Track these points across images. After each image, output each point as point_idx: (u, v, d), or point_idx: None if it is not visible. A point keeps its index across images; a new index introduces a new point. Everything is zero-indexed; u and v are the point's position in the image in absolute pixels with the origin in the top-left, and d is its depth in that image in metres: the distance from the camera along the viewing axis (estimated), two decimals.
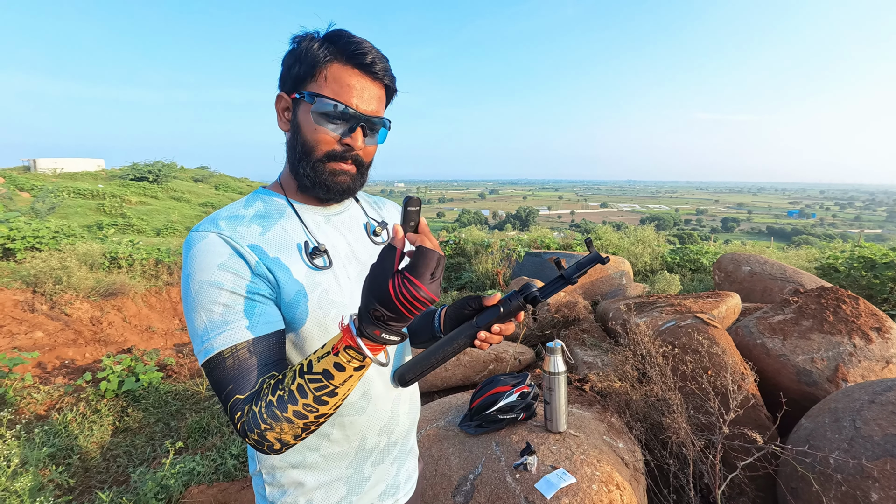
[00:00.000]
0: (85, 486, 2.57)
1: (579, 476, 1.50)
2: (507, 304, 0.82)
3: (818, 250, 8.17)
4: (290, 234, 0.82)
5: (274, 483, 0.85)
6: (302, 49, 0.78)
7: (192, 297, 0.72)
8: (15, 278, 5.40)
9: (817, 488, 1.59)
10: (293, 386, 0.67)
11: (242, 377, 0.70)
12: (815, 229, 63.28)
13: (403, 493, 0.99)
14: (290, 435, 0.68)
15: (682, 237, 18.35)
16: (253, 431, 0.67)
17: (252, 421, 0.67)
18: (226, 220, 0.78)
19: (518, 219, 69.24)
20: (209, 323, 0.71)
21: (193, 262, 0.73)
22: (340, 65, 0.78)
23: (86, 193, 15.25)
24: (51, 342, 4.41)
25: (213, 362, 0.70)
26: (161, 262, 6.65)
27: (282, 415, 0.67)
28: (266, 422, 0.67)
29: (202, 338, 0.71)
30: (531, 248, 7.48)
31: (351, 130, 0.79)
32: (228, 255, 0.74)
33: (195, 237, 0.75)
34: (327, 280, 0.82)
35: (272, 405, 0.67)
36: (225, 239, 0.75)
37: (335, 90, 0.77)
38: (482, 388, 1.88)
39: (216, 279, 0.72)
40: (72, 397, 3.39)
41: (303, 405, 0.67)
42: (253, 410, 0.68)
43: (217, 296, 0.72)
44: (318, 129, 0.78)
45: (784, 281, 4.25)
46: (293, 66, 0.79)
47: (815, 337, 2.37)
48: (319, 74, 0.77)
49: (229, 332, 0.71)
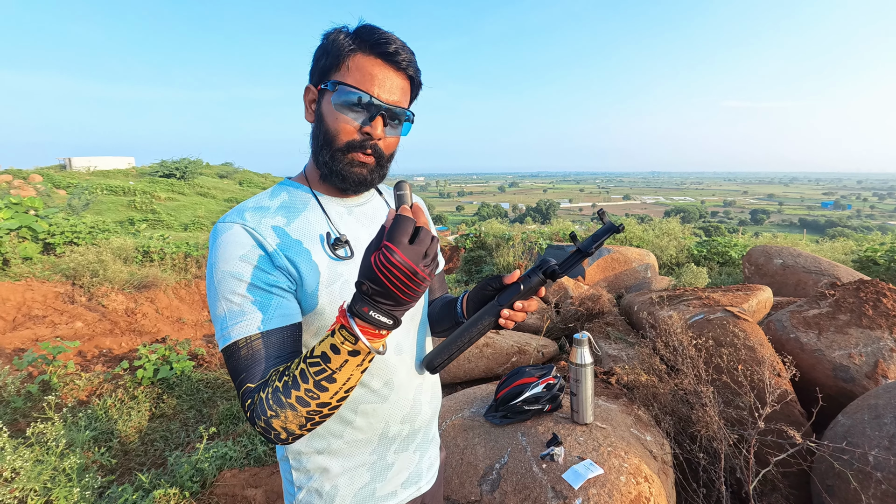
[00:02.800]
0: (125, 467, 2.70)
1: (607, 467, 1.49)
2: (528, 280, 0.83)
3: (855, 243, 7.82)
4: (313, 225, 0.83)
5: (300, 468, 0.87)
6: (329, 42, 0.80)
7: (214, 286, 0.74)
8: (55, 271, 5.66)
9: (856, 486, 1.55)
10: (297, 371, 0.68)
11: (254, 366, 0.71)
12: (852, 221, 60.57)
13: (426, 480, 1.01)
14: (294, 424, 0.68)
15: (708, 230, 17.85)
16: (260, 419, 0.68)
17: (259, 408, 0.68)
18: (251, 211, 0.79)
19: (538, 212, 68.54)
20: (228, 312, 0.73)
21: (218, 251, 0.75)
22: (364, 54, 0.79)
23: (118, 190, 15.81)
24: (89, 332, 4.62)
25: (230, 350, 0.73)
26: (190, 255, 6.86)
27: (286, 401, 0.67)
28: (272, 408, 0.67)
29: (221, 326, 0.74)
30: (553, 241, 7.40)
31: (371, 119, 0.80)
32: (251, 246, 0.75)
33: (221, 228, 0.77)
34: (349, 270, 0.83)
35: (278, 391, 0.68)
36: (249, 230, 0.76)
37: (357, 79, 0.78)
38: (508, 379, 1.89)
39: (237, 270, 0.74)
40: (110, 384, 3.55)
41: (304, 390, 0.67)
42: (260, 397, 0.68)
43: (237, 286, 0.73)
44: (339, 117, 0.79)
45: (819, 274, 4.10)
46: (321, 58, 0.81)
47: (853, 332, 2.29)
48: (343, 64, 0.79)
49: (245, 322, 0.73)
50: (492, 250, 8.23)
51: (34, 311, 4.73)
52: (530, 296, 0.83)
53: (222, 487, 2.35)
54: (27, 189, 12.22)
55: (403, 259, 0.61)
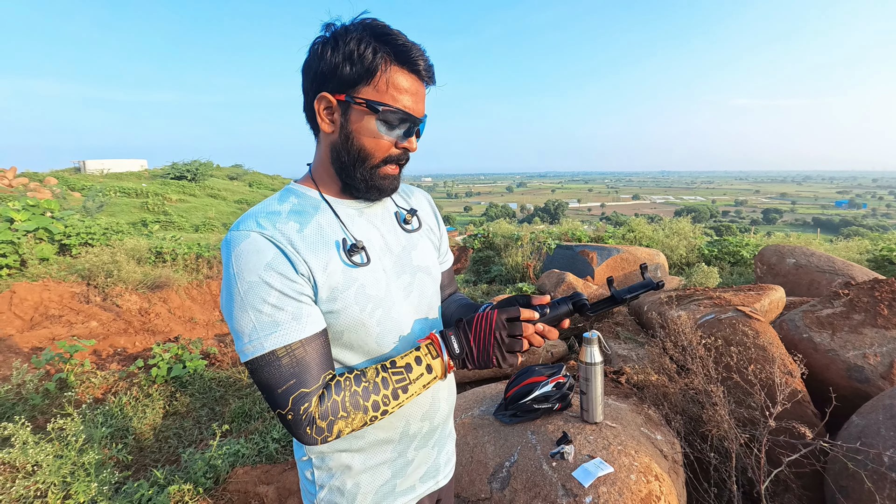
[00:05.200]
0: (140, 463, 2.75)
1: (617, 466, 1.49)
2: (556, 307, 0.84)
3: (870, 242, 7.69)
4: (327, 231, 0.82)
5: (322, 467, 0.89)
6: (351, 49, 0.76)
7: (239, 297, 0.73)
8: (71, 272, 5.78)
9: (870, 486, 1.53)
10: (377, 378, 0.77)
11: (304, 373, 0.73)
12: (867, 220, 59.42)
13: (444, 475, 1.03)
14: (353, 427, 0.76)
15: (719, 229, 17.63)
16: (325, 419, 0.73)
17: (329, 409, 0.74)
18: (265, 217, 0.78)
19: (547, 212, 68.24)
20: (258, 323, 0.73)
21: (239, 261, 0.73)
22: (397, 69, 0.78)
23: (130, 192, 16.07)
24: (104, 331, 4.71)
25: (264, 360, 0.72)
26: (201, 256, 6.96)
27: (363, 403, 0.75)
28: (345, 409, 0.74)
29: (250, 336, 0.73)
30: (562, 241, 7.38)
31: (408, 135, 0.82)
32: (274, 254, 0.74)
33: (237, 236, 0.75)
34: (363, 275, 0.82)
35: (357, 394, 0.75)
36: (268, 238, 0.75)
37: (394, 96, 0.78)
38: (517, 378, 1.89)
39: (264, 278, 0.73)
40: (125, 382, 3.62)
41: (382, 396, 0.76)
42: (334, 399, 0.74)
43: (266, 296, 0.73)
44: (379, 135, 0.80)
45: (833, 274, 4.04)
46: (342, 65, 0.76)
47: (868, 331, 2.26)
48: (378, 80, 0.77)
49: (281, 333, 0.73)
50: (500, 250, 8.22)
51: (51, 311, 4.83)
52: (553, 323, 0.84)
53: (235, 484, 2.38)
54: (43, 192, 12.47)
55: (493, 330, 0.79)
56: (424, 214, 1.02)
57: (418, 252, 0.94)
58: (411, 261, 0.92)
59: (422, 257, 0.94)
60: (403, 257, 0.91)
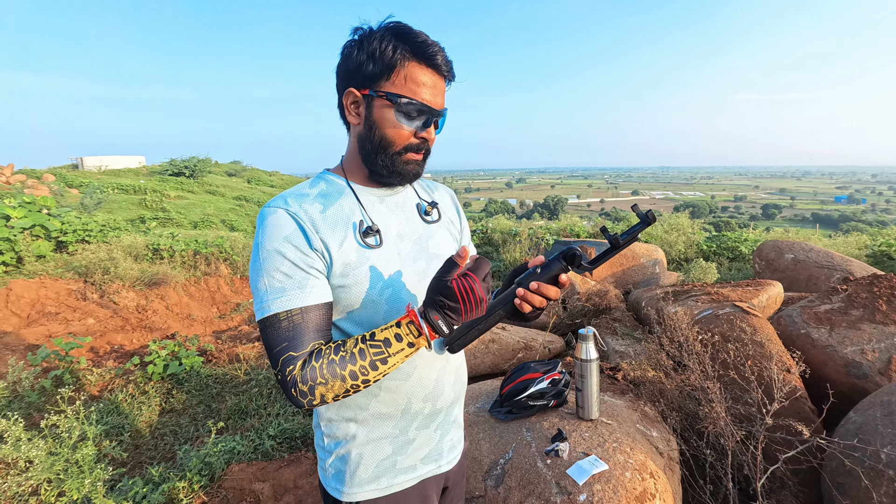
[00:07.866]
0: (136, 461, 2.74)
1: (612, 463, 1.48)
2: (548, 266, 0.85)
3: (869, 237, 7.68)
4: (347, 213, 0.90)
5: (331, 434, 0.95)
6: (374, 48, 0.84)
7: (259, 262, 0.83)
8: (68, 269, 5.75)
9: (867, 483, 1.52)
10: (355, 349, 0.80)
11: (296, 338, 0.80)
12: (866, 215, 59.43)
13: (447, 461, 1.04)
14: (334, 393, 0.79)
15: (718, 225, 17.62)
16: (305, 383, 0.78)
17: (307, 374, 0.78)
18: (293, 197, 0.87)
19: (546, 208, 68.18)
20: (269, 287, 0.81)
21: (265, 232, 0.84)
22: (415, 64, 0.85)
23: (128, 189, 16.01)
24: (101, 328, 4.69)
25: (269, 321, 0.81)
26: (199, 253, 6.93)
27: (340, 371, 0.78)
28: (323, 376, 0.78)
29: (262, 299, 0.82)
30: (560, 237, 7.37)
31: (426, 125, 0.89)
32: (293, 229, 0.83)
33: (267, 212, 0.86)
34: (376, 256, 0.89)
35: (334, 363, 0.79)
36: (291, 214, 0.84)
37: (412, 90, 0.85)
38: (512, 375, 1.88)
39: (280, 249, 0.82)
40: (122, 379, 3.60)
41: (359, 366, 0.79)
42: (313, 366, 0.78)
43: (280, 264, 0.82)
44: (398, 125, 0.87)
45: (831, 269, 4.03)
46: (365, 63, 0.85)
47: (866, 327, 2.24)
48: (397, 75, 0.85)
49: (285, 298, 0.81)
50: (499, 246, 8.21)
51: (47, 308, 4.81)
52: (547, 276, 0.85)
53: (230, 481, 2.38)
54: (41, 188, 12.42)
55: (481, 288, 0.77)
56: (445, 208, 1.09)
57: (436, 241, 1.01)
58: (428, 248, 0.99)
59: (438, 245, 1.01)
60: (420, 244, 0.98)
